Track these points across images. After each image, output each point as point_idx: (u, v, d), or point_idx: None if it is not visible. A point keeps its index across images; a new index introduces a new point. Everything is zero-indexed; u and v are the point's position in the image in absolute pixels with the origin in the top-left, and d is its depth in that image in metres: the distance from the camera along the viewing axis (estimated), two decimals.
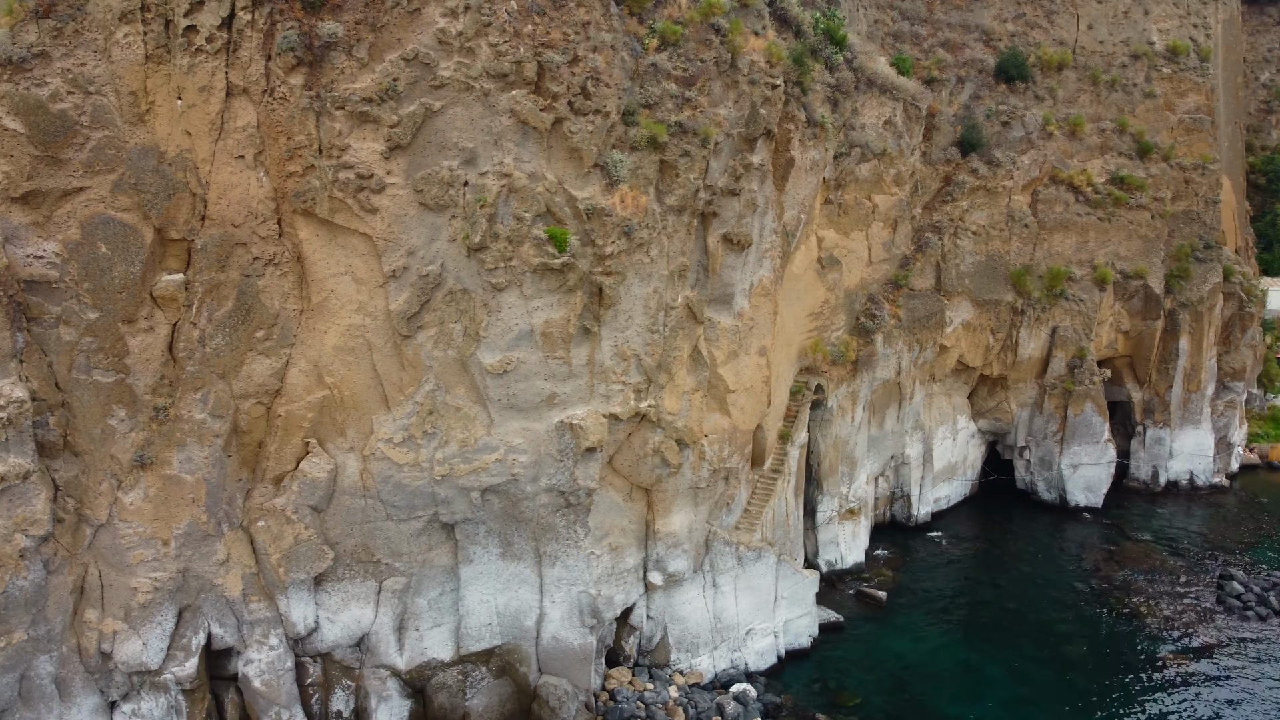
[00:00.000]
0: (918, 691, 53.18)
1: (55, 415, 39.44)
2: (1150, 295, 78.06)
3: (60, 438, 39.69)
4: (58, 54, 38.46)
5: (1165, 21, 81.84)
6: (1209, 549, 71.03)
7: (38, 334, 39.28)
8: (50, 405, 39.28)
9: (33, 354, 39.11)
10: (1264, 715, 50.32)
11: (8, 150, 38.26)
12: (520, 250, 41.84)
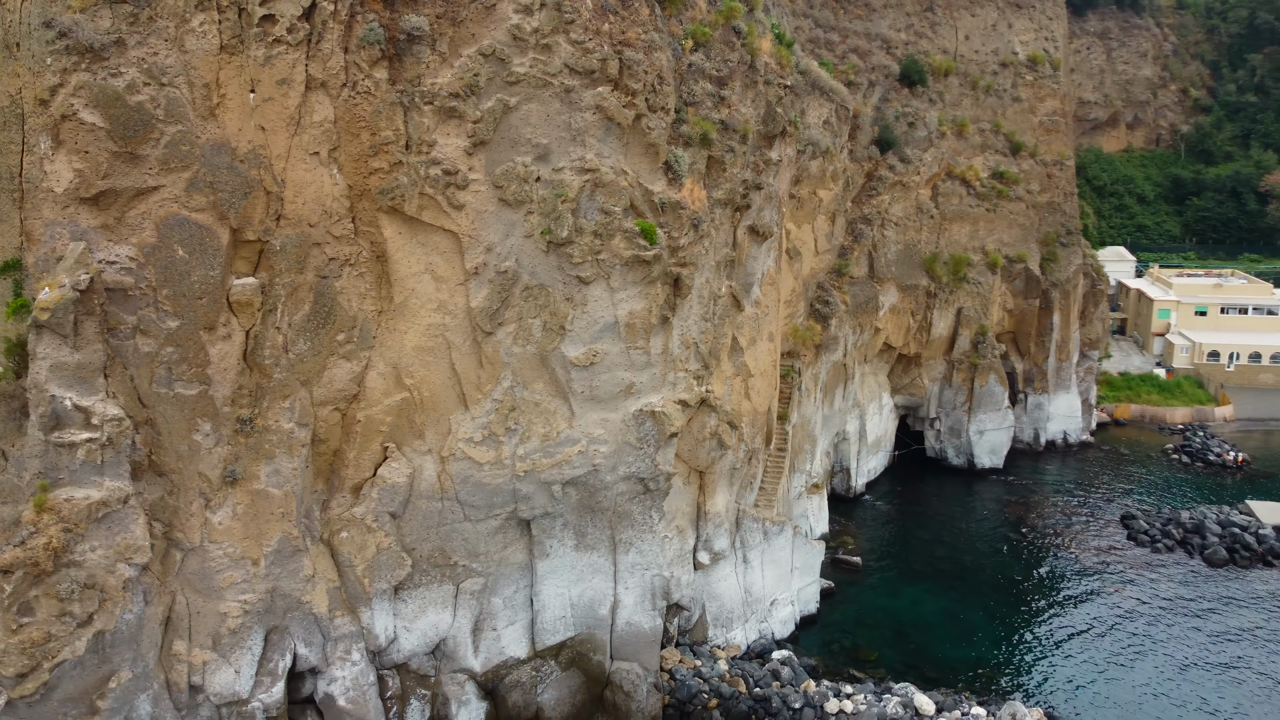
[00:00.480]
0: (918, 641, 58.14)
1: (140, 433, 36.45)
2: (1030, 277, 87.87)
3: (145, 457, 36.69)
4: (133, 42, 35.71)
5: (1025, 34, 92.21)
6: (1100, 494, 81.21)
7: (115, 346, 36.19)
8: (135, 422, 36.25)
9: (115, 368, 36.00)
10: (1188, 620, 58.89)
11: (83, 146, 35.22)
12: (611, 244, 42.64)
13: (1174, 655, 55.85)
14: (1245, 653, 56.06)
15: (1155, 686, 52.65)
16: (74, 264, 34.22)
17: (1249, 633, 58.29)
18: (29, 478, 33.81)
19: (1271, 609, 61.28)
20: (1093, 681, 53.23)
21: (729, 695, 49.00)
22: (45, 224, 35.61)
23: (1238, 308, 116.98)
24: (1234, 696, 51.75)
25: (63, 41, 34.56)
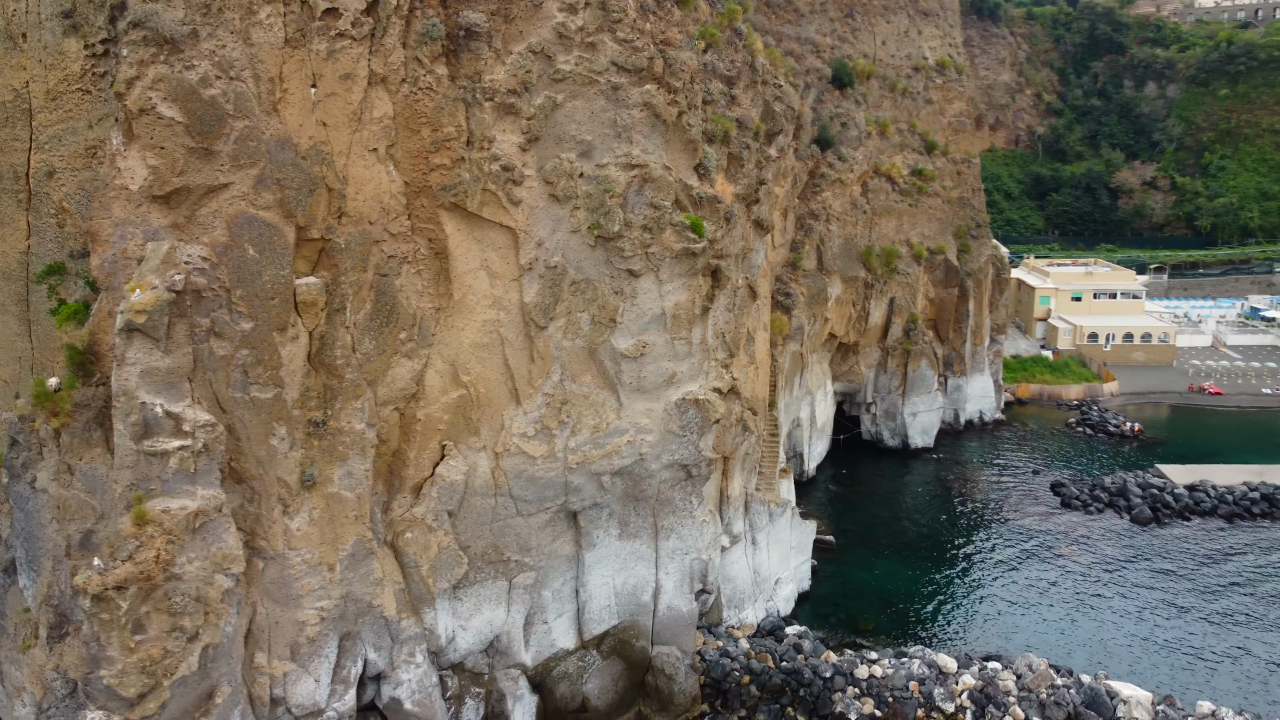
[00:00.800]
0: (903, 609, 61.79)
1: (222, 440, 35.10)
2: (950, 267, 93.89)
3: (225, 464, 35.34)
4: (204, 33, 34.49)
5: (933, 40, 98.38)
6: (1024, 466, 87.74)
7: (192, 350, 34.68)
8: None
9: (196, 372, 34.55)
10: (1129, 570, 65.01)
11: (159, 141, 33.84)
12: (661, 237, 43.78)
13: (1126, 599, 61.52)
14: (1181, 593, 62.32)
15: (1117, 626, 57.90)
16: (161, 264, 32.77)
17: (1182, 577, 64.77)
18: (120, 490, 32.16)
19: (1196, 557, 68.20)
20: (1063, 629, 58.06)
21: (759, 671, 50.91)
22: (115, 223, 33.90)
23: (1108, 293, 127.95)
24: (1178, 627, 57.56)
25: (139, 32, 33.00)
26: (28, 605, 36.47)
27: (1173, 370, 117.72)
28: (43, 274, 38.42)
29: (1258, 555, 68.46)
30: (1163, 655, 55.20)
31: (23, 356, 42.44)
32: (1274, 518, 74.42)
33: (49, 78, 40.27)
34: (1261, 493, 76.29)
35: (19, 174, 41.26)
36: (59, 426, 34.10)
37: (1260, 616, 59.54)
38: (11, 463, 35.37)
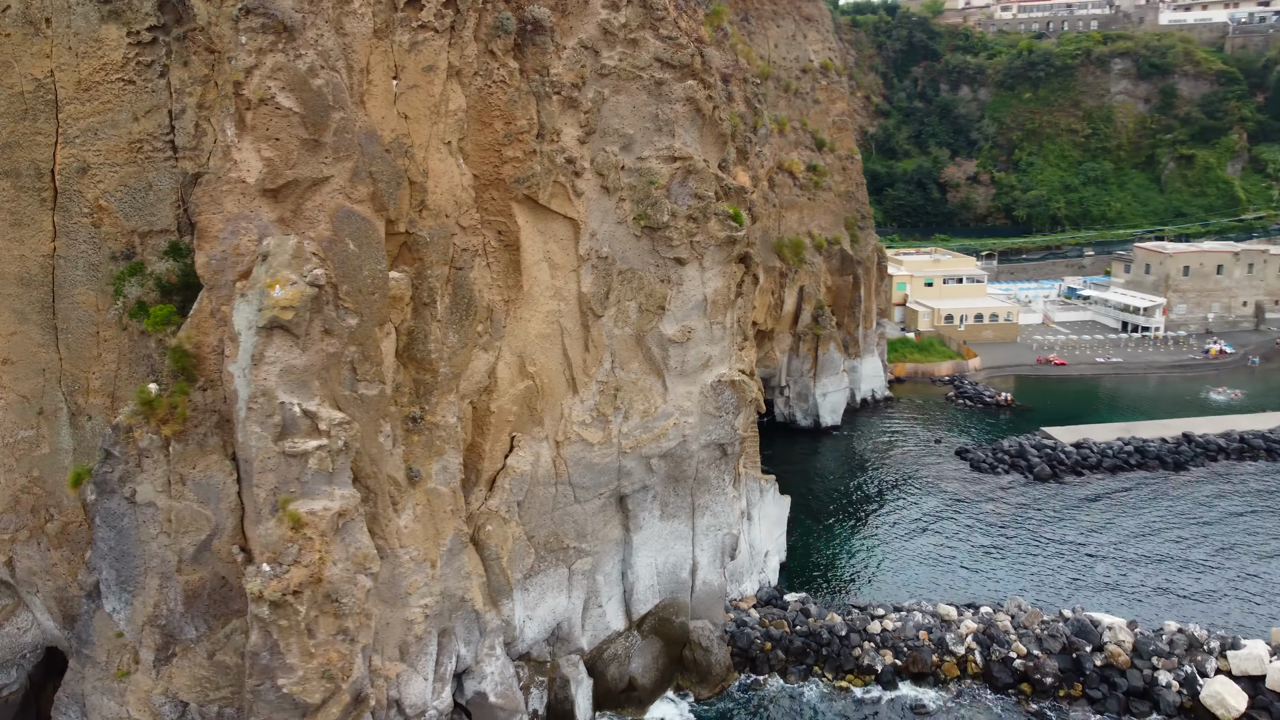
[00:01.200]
0: (872, 571, 66.46)
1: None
2: (845, 256, 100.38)
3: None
4: (309, 21, 33.57)
5: (816, 44, 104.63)
6: (925, 436, 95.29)
7: None
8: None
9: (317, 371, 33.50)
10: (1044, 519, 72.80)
11: (274, 132, 32.83)
12: (706, 226, 45.73)
13: (1048, 542, 68.80)
14: (1094, 536, 70.42)
15: (1053, 568, 64.86)
16: (292, 258, 31.73)
17: (1090, 522, 73.06)
18: (265, 494, 30.91)
19: (1097, 504, 76.94)
20: (1012, 572, 64.46)
21: (779, 637, 53.81)
22: (226, 219, 32.48)
23: (955, 278, 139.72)
24: (1103, 565, 65.27)
25: (256, 19, 31.81)
26: (119, 630, 34.08)
27: (1018, 345, 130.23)
28: (123, 275, 35.82)
29: (1144, 499, 78.01)
30: (1102, 589, 62.43)
31: (48, 369, 39.26)
32: (1148, 467, 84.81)
33: (81, 67, 37.59)
34: (1134, 446, 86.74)
35: (42, 171, 38.18)
36: (171, 434, 32.23)
37: (1166, 553, 68.20)
38: (105, 477, 33.00)
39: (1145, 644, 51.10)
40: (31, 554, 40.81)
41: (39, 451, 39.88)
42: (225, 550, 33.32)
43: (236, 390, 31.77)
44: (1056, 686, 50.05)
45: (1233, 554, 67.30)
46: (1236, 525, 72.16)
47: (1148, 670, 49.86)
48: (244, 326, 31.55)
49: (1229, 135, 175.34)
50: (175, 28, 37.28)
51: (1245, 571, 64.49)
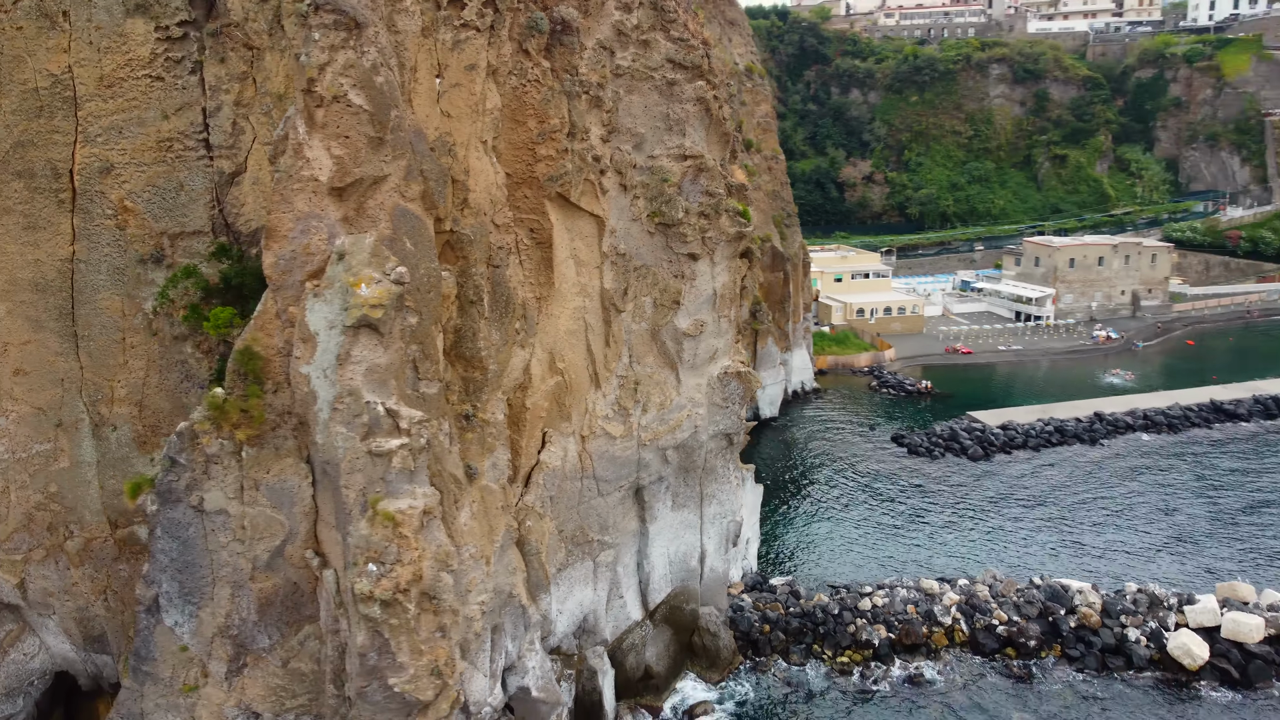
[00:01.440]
0: (838, 554, 69.38)
1: None
2: (776, 253, 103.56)
3: None
4: (370, 18, 33.32)
5: (740, 48, 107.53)
6: (859, 424, 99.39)
7: None
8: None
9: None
10: (982, 496, 77.55)
11: (344, 130, 32.55)
12: (718, 222, 47.11)
13: (995, 516, 73.31)
14: (1034, 508, 75.38)
15: (1005, 536, 69.24)
16: (370, 257, 31.47)
17: (1027, 494, 78.10)
18: (354, 495, 30.57)
19: (1029, 481, 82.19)
20: (969, 545, 68.42)
21: (775, 619, 55.75)
22: (297, 217, 31.93)
23: (862, 273, 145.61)
24: (1037, 534, 70.10)
25: (328, 15, 31.35)
26: (184, 643, 32.98)
27: (925, 336, 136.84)
28: (176, 277, 34.57)
29: (1072, 473, 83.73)
30: (1058, 556, 67.00)
31: (67, 379, 37.54)
32: (1068, 444, 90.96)
33: (104, 62, 36.17)
34: (1054, 426, 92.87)
35: (59, 171, 36.52)
36: (245, 439, 31.48)
37: (1104, 520, 73.58)
38: (170, 486, 31.89)
39: (1113, 604, 55.37)
40: (48, 574, 38.85)
41: (57, 466, 38.01)
42: (298, 556, 32.72)
43: (315, 391, 31.28)
44: (1038, 648, 53.67)
45: (1163, 518, 73.16)
46: (1159, 492, 78.38)
47: (1117, 628, 54.05)
48: (322, 326, 31.11)
49: (1096, 137, 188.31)
50: (207, 22, 36.34)
51: (1179, 533, 70.21)
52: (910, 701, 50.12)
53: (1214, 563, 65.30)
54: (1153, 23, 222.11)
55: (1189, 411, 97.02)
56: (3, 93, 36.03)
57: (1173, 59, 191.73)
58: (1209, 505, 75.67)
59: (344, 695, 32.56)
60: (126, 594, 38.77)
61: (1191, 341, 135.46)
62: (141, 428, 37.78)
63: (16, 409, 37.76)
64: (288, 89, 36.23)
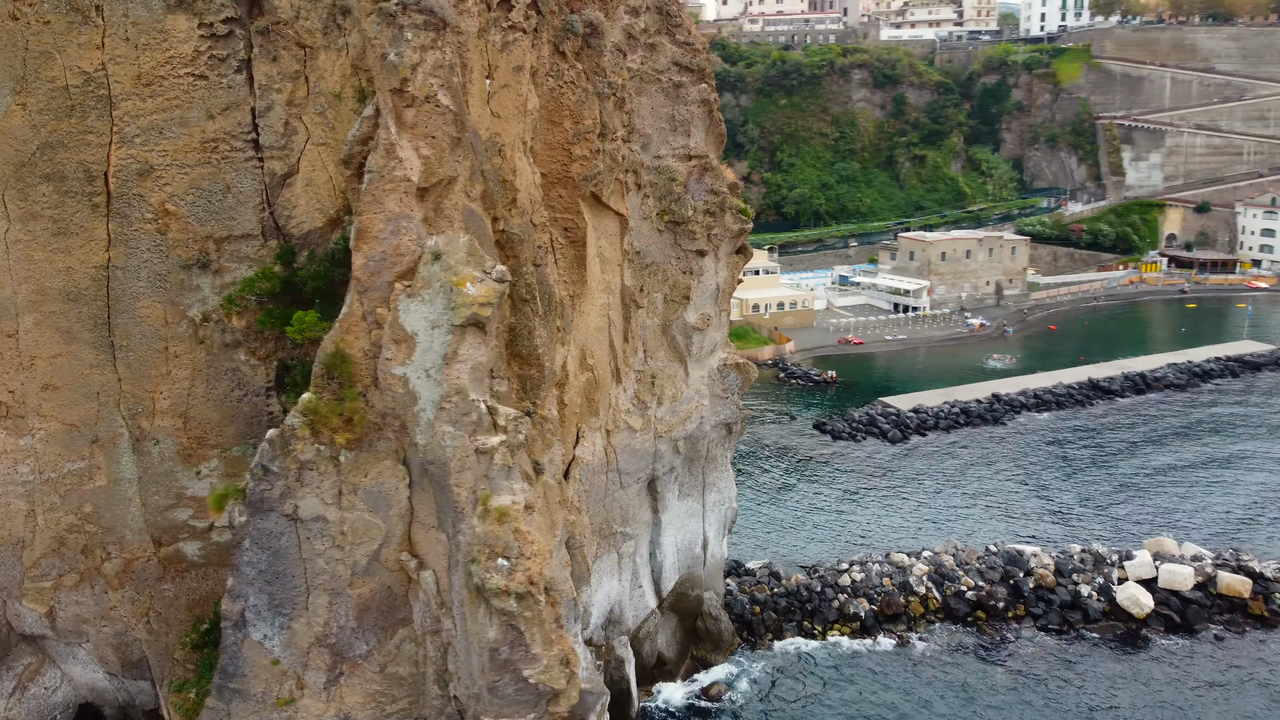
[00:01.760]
0: (792, 535, 72.54)
1: None
2: None
3: None
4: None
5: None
6: (776, 412, 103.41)
7: None
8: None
9: None
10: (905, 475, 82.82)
11: (431, 130, 32.84)
12: (723, 219, 48.86)
13: (929, 491, 78.39)
14: (956, 483, 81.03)
15: (944, 509, 74.22)
16: (468, 256, 31.65)
17: (947, 471, 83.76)
18: (466, 492, 30.70)
19: (948, 457, 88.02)
20: (914, 519, 72.91)
21: (763, 600, 58.16)
22: (388, 218, 31.77)
23: (753, 270, 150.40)
24: (971, 505, 75.65)
25: (418, 15, 31.32)
26: (275, 657, 32.09)
27: (816, 329, 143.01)
28: (252, 281, 33.42)
29: (985, 448, 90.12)
30: (1000, 522, 72.35)
31: (103, 392, 35.77)
32: (973, 424, 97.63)
33: (141, 60, 34.71)
34: (959, 407, 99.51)
35: (93, 174, 34.77)
36: (345, 443, 31.02)
37: (1028, 489, 79.74)
38: (263, 495, 31.03)
39: (1064, 564, 60.60)
40: (81, 599, 36.75)
41: (92, 484, 36.03)
42: (392, 559, 32.45)
43: (414, 391, 31.18)
44: (1005, 610, 58.16)
45: (1073, 485, 80.00)
46: (1064, 463, 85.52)
47: (1071, 586, 59.23)
48: (422, 326, 31.08)
49: (950, 138, 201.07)
50: (252, 20, 35.29)
51: (1091, 498, 76.98)
52: (902, 668, 53.45)
53: (1129, 523, 72.15)
54: (991, 32, 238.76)
55: (1072, 390, 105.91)
56: (28, 91, 33.96)
57: (1014, 66, 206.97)
58: (1110, 471, 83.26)
59: (448, 695, 32.60)
60: (171, 615, 37.14)
61: (1054, 327, 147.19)
62: (186, 440, 36.28)
63: (45, 426, 35.55)
64: (343, 88, 35.70)
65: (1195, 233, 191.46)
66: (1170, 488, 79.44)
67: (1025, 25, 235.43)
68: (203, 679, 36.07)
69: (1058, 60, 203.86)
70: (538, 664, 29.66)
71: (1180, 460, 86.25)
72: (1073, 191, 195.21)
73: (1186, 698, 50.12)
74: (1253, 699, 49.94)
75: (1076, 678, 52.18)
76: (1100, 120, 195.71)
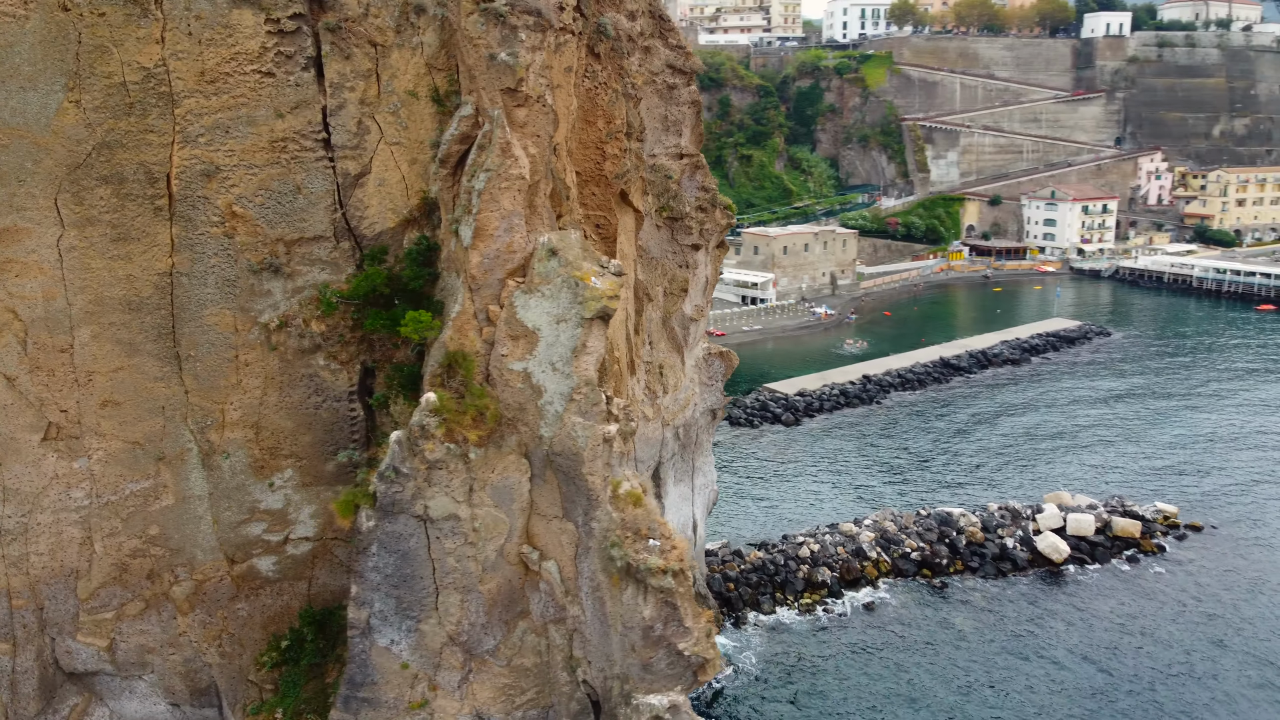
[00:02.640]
0: (732, 517, 76.19)
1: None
2: None
3: None
4: None
5: None
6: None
7: None
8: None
9: None
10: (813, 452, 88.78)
11: (537, 129, 33.90)
12: (713, 215, 51.24)
13: (837, 468, 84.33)
14: (859, 456, 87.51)
15: (860, 480, 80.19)
16: (582, 251, 32.58)
17: (844, 448, 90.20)
18: (599, 481, 31.67)
19: (842, 435, 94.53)
20: (837, 492, 78.39)
21: (734, 577, 61.24)
22: (503, 216, 32.22)
23: None
24: (883, 474, 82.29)
25: (528, 17, 31.88)
26: (404, 661, 31.73)
27: None
28: (363, 281, 32.54)
29: (872, 427, 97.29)
30: (916, 489, 78.84)
31: (169, 405, 34.02)
32: (851, 405, 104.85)
33: (206, 56, 33.23)
34: (838, 390, 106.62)
35: (155, 175, 32.85)
36: (477, 440, 31.19)
37: (928, 455, 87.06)
38: (394, 498, 30.67)
39: (988, 520, 67.35)
40: (147, 628, 34.58)
41: (159, 504, 34.00)
42: (514, 552, 32.84)
43: (539, 385, 31.83)
44: (947, 566, 64.01)
45: (963, 450, 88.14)
46: (942, 435, 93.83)
47: (997, 539, 65.95)
48: (545, 321, 31.77)
49: (773, 139, 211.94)
50: (314, 16, 34.36)
51: (986, 461, 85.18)
52: (875, 625, 58.00)
53: (1020, 481, 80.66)
54: (798, 39, 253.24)
55: (929, 369, 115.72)
56: (82, 87, 31.70)
57: (826, 71, 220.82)
58: (986, 437, 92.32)
59: (577, 680, 33.40)
60: (245, 635, 35.57)
61: (888, 313, 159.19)
62: (259, 451, 34.86)
63: (104, 446, 33.20)
64: (417, 87, 35.41)
65: (990, 223, 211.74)
66: (1043, 447, 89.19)
67: (829, 33, 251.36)
68: (285, 698, 34.97)
69: (865, 66, 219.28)
70: (690, 637, 31.15)
71: (1045, 423, 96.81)
72: (885, 187, 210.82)
73: (1106, 622, 57.49)
74: (1157, 616, 57.96)
75: (1017, 616, 58.61)
76: (905, 122, 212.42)
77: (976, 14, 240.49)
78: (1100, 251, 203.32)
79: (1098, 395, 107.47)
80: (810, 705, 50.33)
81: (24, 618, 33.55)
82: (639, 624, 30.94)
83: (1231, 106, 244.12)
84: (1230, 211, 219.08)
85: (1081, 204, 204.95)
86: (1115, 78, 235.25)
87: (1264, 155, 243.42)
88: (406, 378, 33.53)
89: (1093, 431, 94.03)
